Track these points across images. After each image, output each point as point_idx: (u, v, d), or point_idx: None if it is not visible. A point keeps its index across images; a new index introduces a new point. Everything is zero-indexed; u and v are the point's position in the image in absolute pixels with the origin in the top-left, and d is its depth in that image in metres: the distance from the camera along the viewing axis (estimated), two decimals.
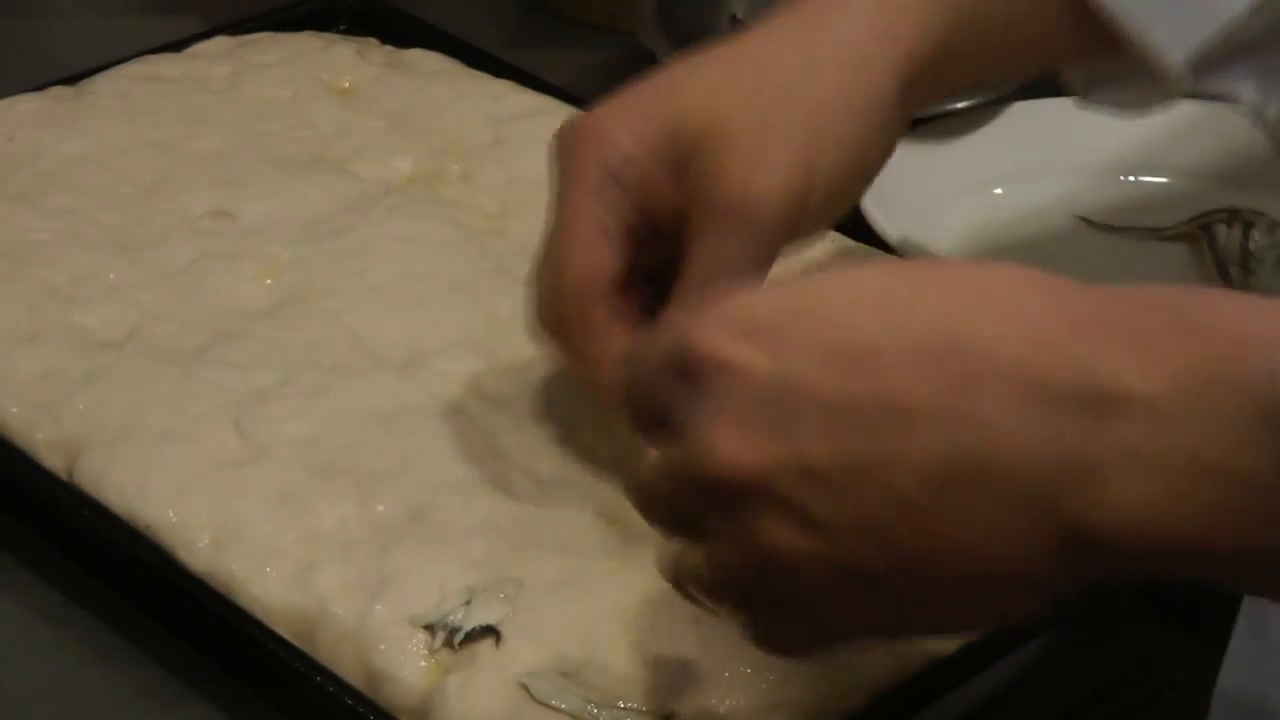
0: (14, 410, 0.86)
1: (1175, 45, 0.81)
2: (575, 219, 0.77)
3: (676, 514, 0.63)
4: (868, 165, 0.79)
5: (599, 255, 0.77)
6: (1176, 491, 0.54)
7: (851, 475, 0.57)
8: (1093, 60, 0.84)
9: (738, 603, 0.63)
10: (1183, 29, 0.81)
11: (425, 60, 1.11)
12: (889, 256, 0.95)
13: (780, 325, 0.59)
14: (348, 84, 1.09)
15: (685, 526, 0.63)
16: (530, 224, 0.98)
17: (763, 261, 0.77)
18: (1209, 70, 0.82)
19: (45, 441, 0.85)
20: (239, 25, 1.15)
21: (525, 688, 0.73)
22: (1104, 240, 1.04)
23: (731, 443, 0.59)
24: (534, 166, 1.01)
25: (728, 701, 0.73)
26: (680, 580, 0.64)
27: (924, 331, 0.57)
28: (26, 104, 1.05)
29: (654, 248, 0.78)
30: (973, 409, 0.56)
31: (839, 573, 0.59)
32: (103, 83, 1.08)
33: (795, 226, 0.77)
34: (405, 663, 0.75)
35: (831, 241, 0.96)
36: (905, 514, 0.57)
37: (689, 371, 0.60)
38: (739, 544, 0.60)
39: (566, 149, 0.79)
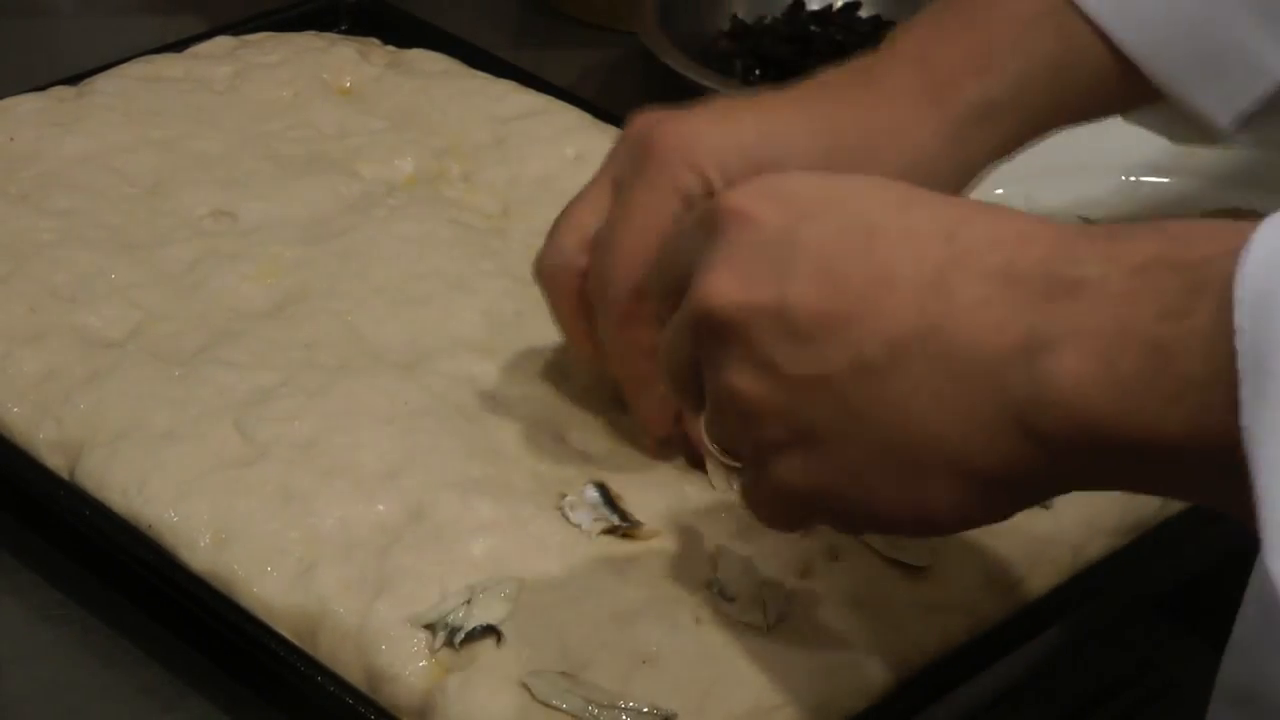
0: (16, 410, 0.86)
1: (1223, 109, 0.82)
2: (643, 218, 0.78)
3: (681, 365, 0.67)
4: None
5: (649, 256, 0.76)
6: (1107, 362, 0.56)
7: (823, 329, 0.61)
8: (1143, 106, 0.85)
9: (730, 452, 0.67)
10: (1230, 94, 0.82)
11: (427, 60, 1.11)
12: None
13: (799, 194, 0.64)
14: (349, 84, 1.09)
15: (689, 381, 0.67)
16: (531, 224, 0.98)
17: None
18: (1258, 122, 0.84)
19: (47, 441, 0.85)
20: (240, 25, 1.15)
21: (525, 688, 0.73)
22: None
23: (726, 281, 0.63)
24: (535, 166, 1.02)
25: (728, 701, 0.73)
26: (689, 435, 0.69)
27: (926, 220, 0.61)
28: (28, 104, 1.05)
29: None
30: (949, 288, 0.59)
31: (791, 427, 0.62)
32: (104, 83, 1.08)
33: None
34: (406, 662, 0.75)
35: None
36: (862, 375, 0.60)
37: (711, 223, 0.65)
38: (720, 387, 0.64)
39: (657, 149, 0.78)
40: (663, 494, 0.82)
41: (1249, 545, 0.86)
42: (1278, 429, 0.52)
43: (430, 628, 0.76)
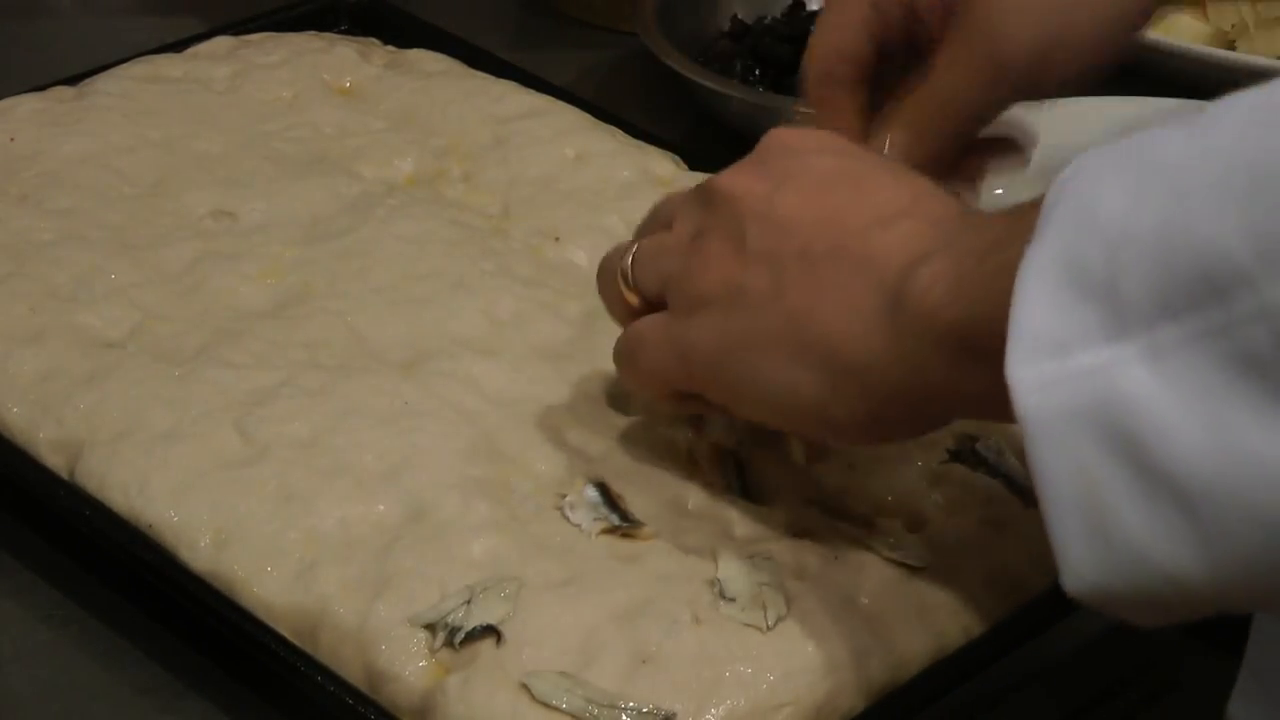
0: (16, 410, 0.86)
1: None
2: (846, 7, 0.84)
3: (658, 215, 0.80)
4: (1117, 39, 0.82)
5: (854, 37, 0.84)
6: (957, 272, 0.66)
7: (792, 222, 0.73)
8: None
9: (645, 279, 0.78)
10: None
11: (427, 60, 1.11)
12: None
13: (834, 143, 0.76)
14: (349, 84, 1.09)
15: (654, 226, 0.80)
16: (531, 224, 0.98)
17: (997, 103, 0.82)
18: None
19: (47, 441, 0.85)
20: (240, 25, 1.15)
21: (525, 688, 0.73)
22: None
23: (739, 175, 0.76)
24: (535, 166, 1.02)
25: (728, 701, 0.73)
26: (613, 264, 0.79)
27: (903, 185, 0.73)
28: (28, 104, 1.06)
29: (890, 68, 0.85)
30: (895, 224, 0.71)
31: (727, 287, 0.73)
32: (104, 83, 1.08)
33: (1038, 79, 0.81)
34: (406, 662, 0.75)
35: None
36: (802, 260, 0.72)
37: (767, 145, 0.77)
38: (684, 235, 0.76)
39: None
40: (663, 494, 0.82)
41: None
42: (1029, 272, 0.59)
43: (430, 628, 0.76)
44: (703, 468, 0.83)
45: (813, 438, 0.81)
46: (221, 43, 1.12)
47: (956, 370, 0.67)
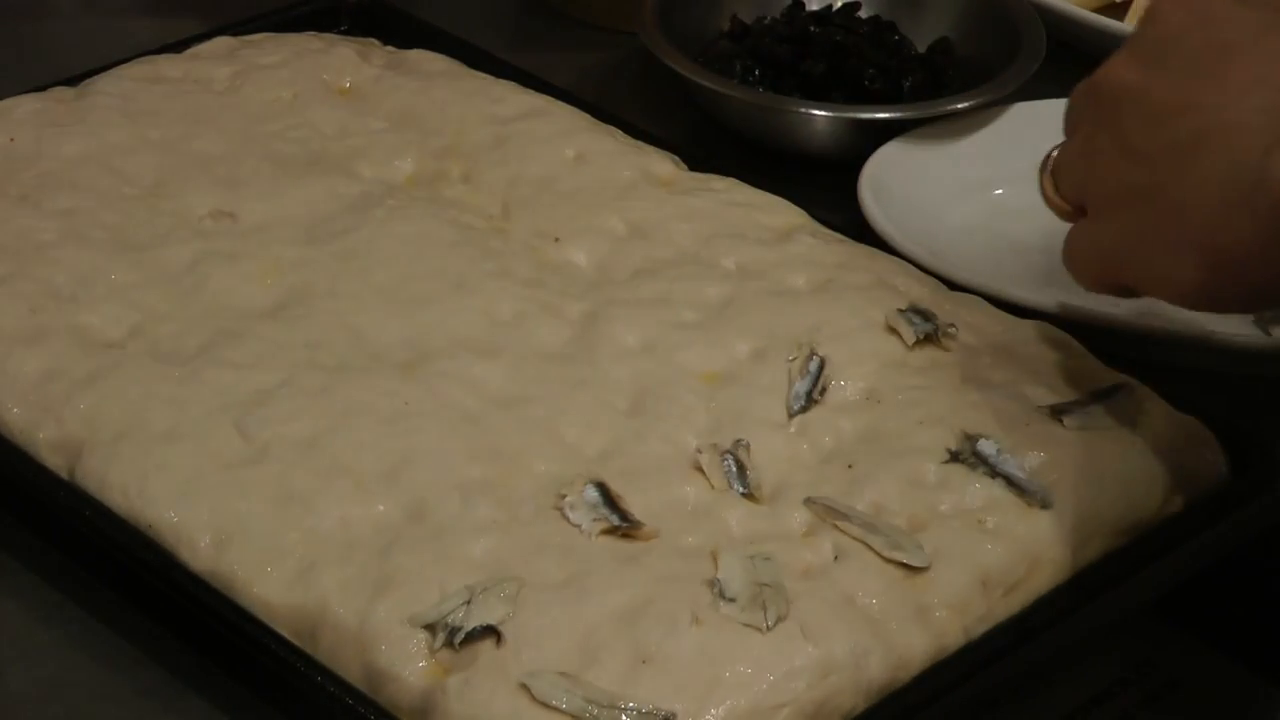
0: (15, 410, 0.86)
1: None
2: None
3: (1076, 108, 0.83)
4: None
5: None
6: None
7: (1166, 113, 0.76)
8: None
9: (1067, 190, 0.82)
10: None
11: (426, 61, 1.11)
12: None
13: (1205, 9, 0.78)
14: (349, 84, 1.09)
15: (1076, 117, 0.83)
16: (531, 224, 0.98)
17: None
18: None
19: (47, 441, 0.85)
20: (240, 26, 1.15)
21: (525, 688, 0.73)
22: None
23: (1122, 63, 0.79)
24: (535, 167, 1.02)
25: (728, 701, 0.73)
26: (1044, 169, 0.84)
27: (1275, 50, 0.75)
28: (28, 105, 1.05)
29: None
30: (1254, 107, 0.74)
31: (1123, 189, 0.78)
32: (104, 83, 1.08)
33: None
34: (406, 663, 0.75)
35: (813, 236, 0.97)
36: (1175, 156, 0.75)
37: (1147, 15, 0.80)
38: (1087, 140, 0.80)
39: None
40: (663, 494, 0.82)
41: (1249, 545, 0.86)
42: None
43: (430, 628, 0.76)
44: (703, 467, 0.83)
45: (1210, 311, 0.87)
46: (222, 43, 1.12)
47: None
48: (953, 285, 0.95)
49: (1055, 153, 0.84)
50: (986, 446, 0.83)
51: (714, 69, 1.14)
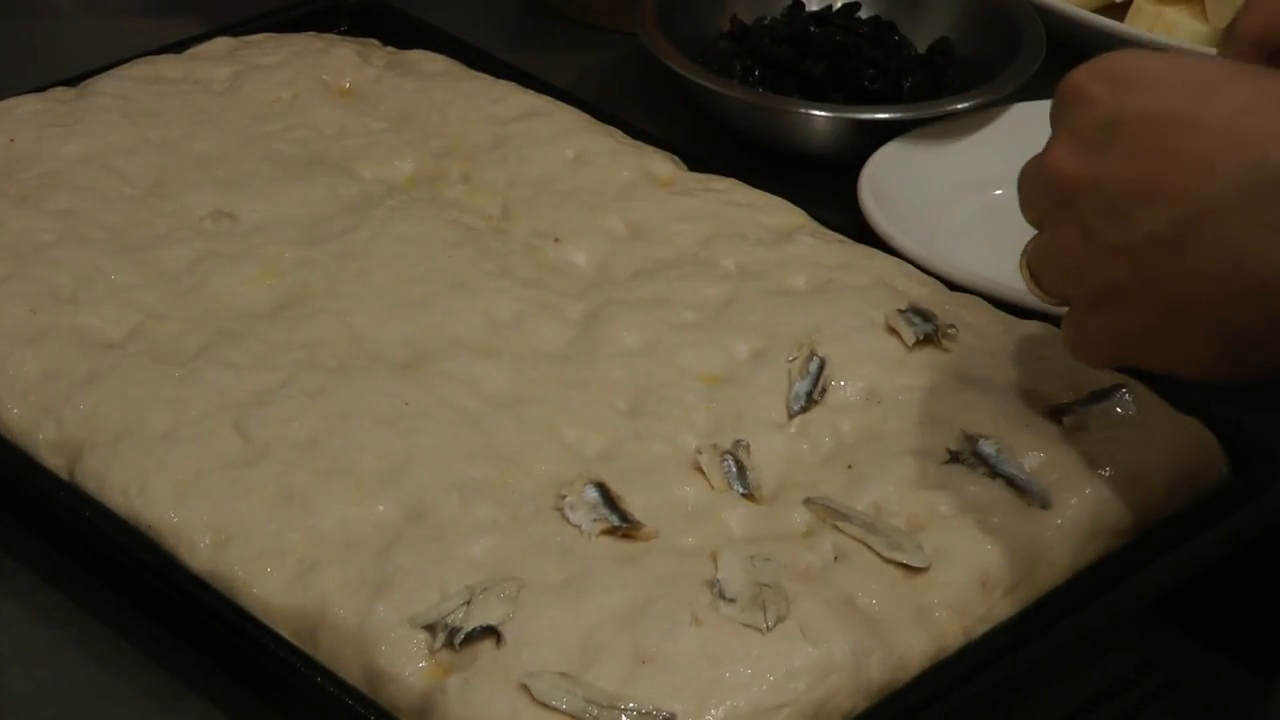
0: (15, 411, 0.86)
1: None
2: None
3: (1029, 200, 0.79)
4: None
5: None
6: None
7: (1129, 200, 0.73)
8: None
9: (1048, 285, 0.79)
10: None
11: (426, 61, 1.11)
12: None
13: (1130, 79, 0.74)
14: (349, 85, 1.09)
15: (1035, 211, 0.79)
16: (531, 225, 0.98)
17: None
18: None
19: (47, 442, 0.85)
20: (240, 26, 1.15)
21: (525, 688, 0.73)
22: None
23: (1062, 152, 0.75)
24: (535, 167, 1.02)
25: (728, 701, 0.73)
26: (1023, 262, 0.80)
27: (1228, 111, 0.71)
28: (28, 105, 1.06)
29: None
30: (1216, 173, 0.70)
31: (1105, 288, 0.75)
32: (104, 84, 1.08)
33: None
34: (406, 663, 0.75)
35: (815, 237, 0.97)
36: (1157, 251, 0.72)
37: (1064, 97, 0.77)
38: (1054, 235, 0.77)
39: None
40: (663, 494, 0.82)
41: (1249, 545, 0.86)
42: None
43: (430, 628, 0.76)
44: (703, 468, 0.83)
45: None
46: (221, 43, 1.12)
47: None
48: (953, 285, 0.96)
49: (1026, 258, 0.80)
50: (986, 447, 0.83)
51: (714, 69, 1.14)
